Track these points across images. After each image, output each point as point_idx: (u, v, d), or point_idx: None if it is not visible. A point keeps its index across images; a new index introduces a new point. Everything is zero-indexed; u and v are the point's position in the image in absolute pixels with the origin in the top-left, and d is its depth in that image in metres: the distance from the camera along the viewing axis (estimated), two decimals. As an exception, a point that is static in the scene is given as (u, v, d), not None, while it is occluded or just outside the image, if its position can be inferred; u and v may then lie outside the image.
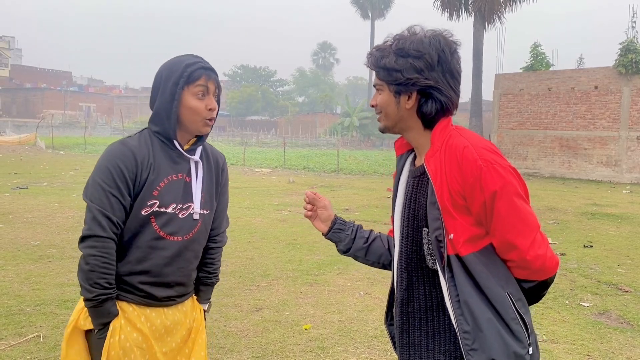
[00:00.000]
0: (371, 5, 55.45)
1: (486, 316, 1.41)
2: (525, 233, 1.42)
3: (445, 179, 1.45)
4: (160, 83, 1.83)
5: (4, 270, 5.56)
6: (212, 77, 1.86)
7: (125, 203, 1.75)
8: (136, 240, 1.79)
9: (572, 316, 4.70)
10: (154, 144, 1.84)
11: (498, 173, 1.40)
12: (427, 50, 1.50)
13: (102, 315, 1.74)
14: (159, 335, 1.85)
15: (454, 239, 1.44)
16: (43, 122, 40.76)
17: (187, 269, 1.90)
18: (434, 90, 1.51)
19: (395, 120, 1.58)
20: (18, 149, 28.74)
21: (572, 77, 20.72)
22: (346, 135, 47.46)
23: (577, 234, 8.59)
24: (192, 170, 1.89)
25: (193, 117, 1.83)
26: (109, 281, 1.73)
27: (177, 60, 1.85)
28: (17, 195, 11.39)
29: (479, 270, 1.43)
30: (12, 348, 3.70)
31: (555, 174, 20.86)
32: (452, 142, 1.47)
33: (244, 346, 3.86)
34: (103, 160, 1.77)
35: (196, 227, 1.89)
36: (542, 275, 1.49)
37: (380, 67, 1.55)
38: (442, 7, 23.78)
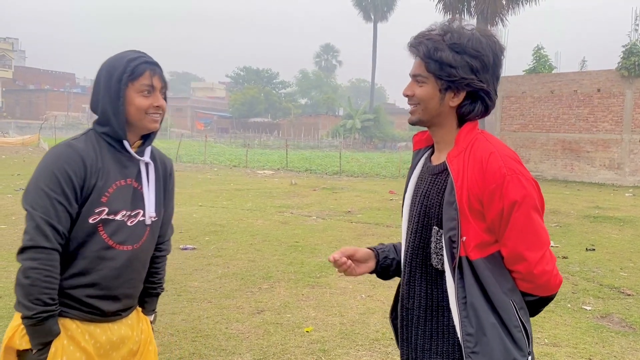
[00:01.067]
0: (374, 8, 55.48)
1: (490, 321, 1.42)
2: (537, 247, 1.43)
3: (466, 181, 1.44)
4: (103, 81, 1.72)
5: (6, 272, 5.57)
6: (157, 72, 1.76)
7: (71, 211, 1.62)
8: (83, 250, 1.66)
9: (574, 319, 4.69)
10: (101, 146, 1.73)
11: (521, 183, 1.40)
12: (485, 50, 1.47)
13: (42, 335, 1.59)
14: (104, 352, 1.73)
15: (466, 241, 1.44)
16: (46, 123, 40.84)
17: (135, 280, 1.81)
18: (484, 93, 1.50)
19: (433, 115, 1.54)
20: (21, 150, 28.80)
21: (574, 80, 20.70)
22: (348, 137, 47.45)
23: (579, 237, 8.57)
24: (143, 173, 1.80)
25: (139, 115, 1.73)
26: (52, 297, 1.58)
27: (118, 57, 1.75)
28: (20, 197, 11.41)
29: (486, 275, 1.44)
30: (14, 349, 3.70)
31: (558, 177, 20.83)
32: (479, 146, 1.46)
33: (245, 348, 3.86)
34: (48, 164, 1.63)
35: (145, 235, 1.80)
36: (544, 292, 1.50)
37: (433, 59, 1.48)
38: (444, 9, 23.77)
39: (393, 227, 9.23)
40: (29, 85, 67.22)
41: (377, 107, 51.95)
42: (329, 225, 8.94)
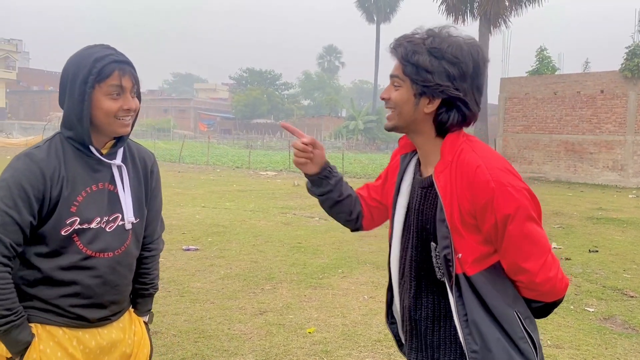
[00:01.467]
0: (377, 9, 55.56)
1: (495, 336, 1.39)
2: (536, 256, 1.40)
3: (455, 197, 1.40)
4: (68, 81, 1.60)
5: (10, 272, 5.59)
6: (127, 71, 1.62)
7: (22, 224, 1.54)
8: (61, 262, 1.60)
9: (577, 321, 4.68)
10: (66, 152, 1.62)
11: (511, 196, 1.36)
12: (464, 58, 1.42)
13: (12, 344, 1.56)
14: (94, 356, 1.69)
15: (462, 258, 1.41)
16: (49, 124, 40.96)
17: (122, 285, 1.74)
18: (460, 102, 1.44)
19: (408, 121, 1.50)
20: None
21: (578, 81, 20.68)
22: (351, 138, 47.49)
23: (582, 239, 8.56)
24: (116, 176, 1.69)
25: (107, 119, 1.61)
26: (7, 307, 1.52)
27: (85, 54, 1.61)
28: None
29: (486, 289, 1.41)
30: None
31: (561, 178, 20.80)
32: (464, 159, 1.41)
33: (248, 349, 3.87)
34: (5, 176, 1.56)
35: (127, 239, 1.72)
36: (551, 297, 1.47)
37: (410, 62, 1.43)
38: (447, 11, 23.77)
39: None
40: (32, 87, 67.46)
41: (380, 108, 51.89)
42: (331, 227, 8.95)
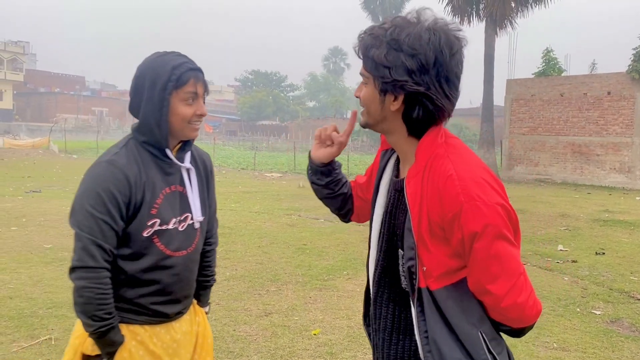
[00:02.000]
0: (382, 10, 55.51)
1: (456, 356, 1.28)
2: (502, 280, 1.27)
3: (425, 206, 1.30)
4: (145, 87, 1.67)
5: (17, 273, 5.62)
6: (200, 78, 1.72)
7: (117, 228, 1.64)
8: (142, 263, 1.69)
9: (583, 324, 4.66)
10: (143, 157, 1.70)
11: (480, 211, 1.23)
12: (423, 49, 1.28)
13: (107, 345, 1.67)
14: (172, 351, 1.80)
15: (426, 271, 1.31)
16: (56, 126, 41.17)
17: (192, 280, 1.86)
18: (423, 97, 1.31)
19: (377, 120, 1.41)
20: (32, 152, 29.05)
21: (584, 83, 20.58)
22: (356, 139, 47.45)
23: (589, 241, 8.52)
24: (185, 178, 1.79)
25: (182, 124, 1.71)
26: (107, 311, 1.62)
27: (161, 61, 1.68)
28: (31, 199, 11.51)
29: (449, 306, 1.30)
30: (25, 350, 3.74)
31: (567, 180, 20.70)
32: (437, 165, 1.30)
33: (253, 350, 3.87)
34: (92, 184, 1.63)
35: (196, 237, 1.83)
36: (519, 324, 1.34)
37: (368, 57, 1.34)
38: (453, 12, 23.71)
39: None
40: (39, 88, 67.79)
41: (386, 110, 51.89)
42: (336, 228, 8.94)
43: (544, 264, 6.92)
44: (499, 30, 22.92)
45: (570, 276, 6.30)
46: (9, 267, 5.86)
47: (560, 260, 7.11)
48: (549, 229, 9.64)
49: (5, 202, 10.86)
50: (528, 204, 12.90)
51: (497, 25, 22.63)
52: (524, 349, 4.05)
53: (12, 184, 14.27)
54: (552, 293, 5.54)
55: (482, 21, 23.15)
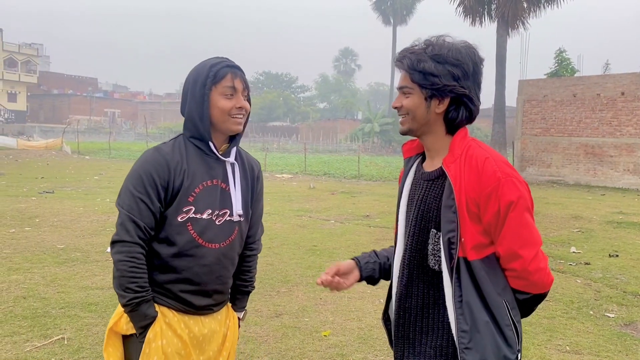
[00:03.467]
0: (393, 12, 55.41)
1: (484, 319, 1.51)
2: (531, 245, 1.51)
3: (464, 186, 1.52)
4: (189, 88, 1.83)
5: (30, 273, 5.68)
6: (238, 74, 1.83)
7: (154, 209, 1.75)
8: (175, 248, 1.78)
9: (597, 327, 4.61)
10: (188, 150, 1.83)
11: (515, 186, 1.50)
12: (464, 59, 1.57)
13: (140, 319, 1.75)
14: (196, 342, 1.85)
15: (464, 242, 1.52)
16: (69, 127, 41.55)
17: (225, 276, 1.90)
18: (467, 99, 1.59)
19: (422, 123, 1.63)
20: (45, 153, 29.34)
21: (597, 83, 20.39)
22: (367, 141, 47.38)
23: (602, 243, 8.43)
24: (229, 173, 1.88)
25: (223, 117, 1.81)
26: (140, 284, 1.72)
27: (203, 64, 1.85)
28: (44, 200, 11.62)
29: (482, 275, 1.52)
30: (38, 349, 3.77)
31: (580, 182, 20.51)
32: (473, 153, 1.55)
33: (264, 352, 3.88)
34: (136, 167, 1.78)
35: (233, 233, 1.89)
36: (538, 289, 1.57)
37: (417, 70, 1.59)
38: (465, 13, 23.63)
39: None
40: (52, 90, 68.48)
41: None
42: (347, 230, 8.94)
43: (557, 266, 6.86)
44: (510, 30, 22.81)
45: (583, 278, 6.24)
46: (23, 267, 5.92)
47: (573, 262, 7.05)
48: (562, 230, 9.56)
49: (19, 202, 10.97)
50: (540, 206, 12.79)
51: (509, 25, 22.51)
52: (536, 352, 4.02)
53: (26, 185, 14.42)
54: (565, 295, 5.49)
55: (494, 21, 23.05)
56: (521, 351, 1.59)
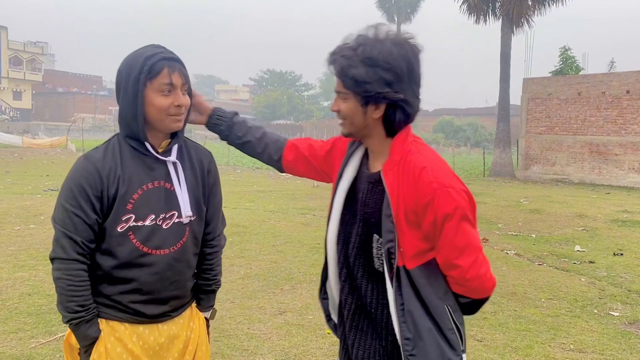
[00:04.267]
0: (397, 9, 55.28)
1: (427, 325, 1.52)
2: (468, 253, 1.51)
3: (401, 195, 1.51)
4: (121, 82, 1.65)
5: (35, 270, 5.71)
6: (177, 68, 1.65)
7: (89, 222, 1.62)
8: (118, 258, 1.66)
9: (601, 325, 4.60)
10: (122, 152, 1.68)
11: (451, 196, 1.47)
12: (396, 61, 1.49)
13: (81, 338, 1.66)
14: (153, 353, 1.74)
15: (403, 251, 1.52)
16: (74, 125, 41.67)
17: (181, 281, 1.77)
18: (403, 102, 1.53)
19: (360, 128, 1.60)
20: (50, 151, 29.45)
21: (602, 82, 20.30)
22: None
23: (607, 242, 8.40)
24: (172, 173, 1.72)
25: (160, 115, 1.65)
26: (79, 303, 1.62)
27: (136, 54, 1.65)
28: (49, 197, 11.66)
29: (422, 283, 1.53)
30: (42, 346, 3.79)
31: (585, 180, 20.45)
32: (411, 160, 1.52)
33: (267, 349, 3.88)
34: (67, 179, 1.66)
35: (184, 236, 1.75)
36: (478, 295, 1.59)
37: (348, 76, 1.52)
38: (469, 11, 23.55)
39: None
40: (57, 88, 68.72)
41: (400, 109, 51.56)
42: (351, 228, 8.93)
43: (561, 264, 6.84)
44: (515, 28, 22.71)
45: (587, 277, 6.22)
46: (28, 264, 5.95)
47: (577, 261, 7.03)
48: (566, 229, 9.53)
49: (24, 200, 11.02)
50: (544, 204, 12.76)
51: (514, 23, 22.42)
52: (540, 350, 4.02)
53: (31, 183, 14.48)
54: (569, 294, 5.48)
55: (499, 19, 22.96)
56: (465, 351, 1.61)
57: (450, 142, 46.59)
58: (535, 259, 7.16)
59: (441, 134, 50.18)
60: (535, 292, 5.50)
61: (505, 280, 5.96)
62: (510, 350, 4.01)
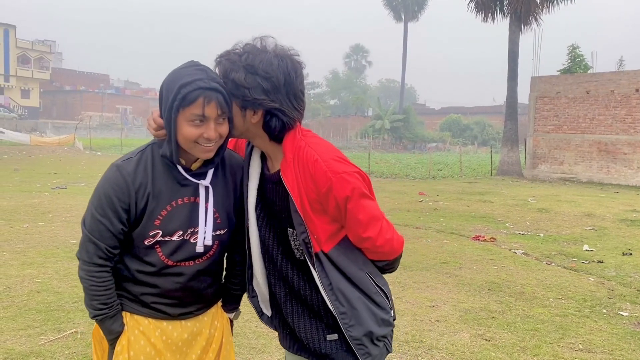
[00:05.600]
0: (404, 7, 55.16)
1: (356, 295, 1.67)
2: (373, 224, 1.65)
3: (302, 189, 1.61)
4: (162, 101, 1.64)
5: (43, 268, 5.74)
6: (213, 99, 1.55)
7: (114, 230, 1.66)
8: (144, 265, 1.71)
9: (610, 325, 4.57)
10: (155, 167, 1.68)
11: (346, 181, 1.59)
12: (275, 72, 1.58)
13: (106, 332, 1.73)
14: (176, 348, 1.77)
15: (317, 238, 1.64)
16: (81, 123, 41.88)
17: (202, 289, 1.80)
18: (278, 111, 1.61)
19: (242, 131, 1.68)
20: (57, 149, 29.61)
21: (611, 80, 20.16)
22: (377, 137, 47.27)
23: (615, 241, 8.35)
24: (202, 196, 1.71)
25: (188, 144, 1.62)
26: (102, 302, 1.69)
27: (175, 76, 1.60)
28: (57, 195, 11.73)
29: (341, 260, 1.67)
30: (52, 343, 3.81)
31: (593, 179, 20.32)
32: (303, 155, 1.62)
33: (275, 347, 3.88)
34: (98, 186, 1.69)
35: (212, 249, 1.76)
36: (392, 256, 1.75)
37: (229, 78, 1.60)
38: (477, 9, 23.45)
39: (422, 228, 9.15)
40: (65, 87, 68.99)
41: (407, 107, 51.55)
42: (358, 226, 8.91)
43: (569, 264, 6.80)
44: (523, 26, 22.59)
45: (596, 277, 6.18)
46: (36, 261, 5.98)
47: (585, 260, 6.99)
48: (574, 228, 9.48)
49: (32, 198, 11.09)
50: (552, 204, 12.70)
51: (522, 21, 22.31)
52: (548, 349, 3.99)
53: (39, 181, 14.56)
54: (578, 294, 5.45)
55: (506, 17, 22.85)
56: (393, 308, 1.79)
57: (457, 140, 46.48)
58: (543, 259, 7.12)
59: (448, 132, 50.05)
60: (543, 292, 5.47)
61: (513, 279, 5.93)
62: (518, 349, 3.99)
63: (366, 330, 1.67)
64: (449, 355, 3.86)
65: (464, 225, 9.56)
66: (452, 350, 3.93)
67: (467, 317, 4.68)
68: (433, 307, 4.94)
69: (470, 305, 5.02)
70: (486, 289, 5.58)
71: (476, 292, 5.46)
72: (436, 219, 10.25)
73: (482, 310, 4.88)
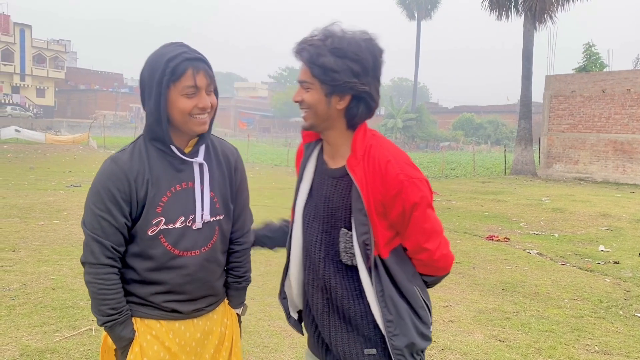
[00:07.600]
0: (417, 6, 54.84)
1: (404, 307, 1.65)
2: (434, 237, 1.64)
3: (370, 188, 1.58)
4: (145, 83, 1.62)
5: (58, 265, 5.79)
6: (201, 68, 1.60)
7: (118, 226, 1.62)
8: (151, 262, 1.67)
9: (627, 327, 4.51)
10: (150, 154, 1.65)
11: (417, 187, 1.57)
12: (364, 54, 1.54)
13: (116, 339, 1.68)
14: (190, 349, 1.75)
15: (377, 242, 1.61)
16: (95, 122, 42.22)
17: (211, 280, 1.78)
18: (367, 95, 1.58)
19: (323, 119, 1.62)
20: (72, 148, 29.89)
21: (628, 78, 19.89)
22: (390, 136, 47.11)
23: (632, 242, 8.24)
24: (196, 174, 1.70)
25: (184, 118, 1.62)
26: (112, 306, 1.63)
27: (159, 54, 1.61)
28: (71, 193, 11.84)
29: (394, 269, 1.64)
30: (67, 340, 3.85)
31: (609, 179, 20.08)
32: (375, 154, 1.59)
33: (288, 346, 3.88)
34: (95, 182, 1.64)
35: (214, 235, 1.75)
36: (443, 272, 1.74)
37: (316, 64, 1.54)
38: (491, 7, 23.25)
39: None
40: (79, 86, 69.62)
41: (420, 106, 51.29)
42: (370, 225, 8.89)
43: (585, 264, 6.72)
44: (538, 24, 22.35)
45: (612, 277, 6.10)
46: (52, 259, 6.04)
47: (601, 261, 6.90)
48: (589, 228, 9.37)
49: (47, 196, 11.20)
50: (567, 203, 12.57)
51: (537, 19, 22.07)
52: (564, 351, 3.95)
53: (54, 179, 14.71)
54: (593, 295, 5.38)
55: (521, 15, 22.63)
56: (432, 323, 1.77)
57: (470, 139, 46.17)
58: (558, 259, 7.05)
59: (461, 131, 49.74)
60: (558, 292, 5.41)
61: (528, 280, 5.88)
62: (533, 351, 3.95)
63: (409, 342, 1.64)
64: (462, 356, 3.83)
65: (477, 225, 9.50)
66: (465, 351, 3.91)
67: (480, 317, 4.64)
68: (446, 307, 4.91)
69: (484, 305, 4.98)
70: (500, 289, 5.54)
71: (490, 292, 5.42)
72: (449, 218, 10.19)
73: (496, 310, 4.84)
